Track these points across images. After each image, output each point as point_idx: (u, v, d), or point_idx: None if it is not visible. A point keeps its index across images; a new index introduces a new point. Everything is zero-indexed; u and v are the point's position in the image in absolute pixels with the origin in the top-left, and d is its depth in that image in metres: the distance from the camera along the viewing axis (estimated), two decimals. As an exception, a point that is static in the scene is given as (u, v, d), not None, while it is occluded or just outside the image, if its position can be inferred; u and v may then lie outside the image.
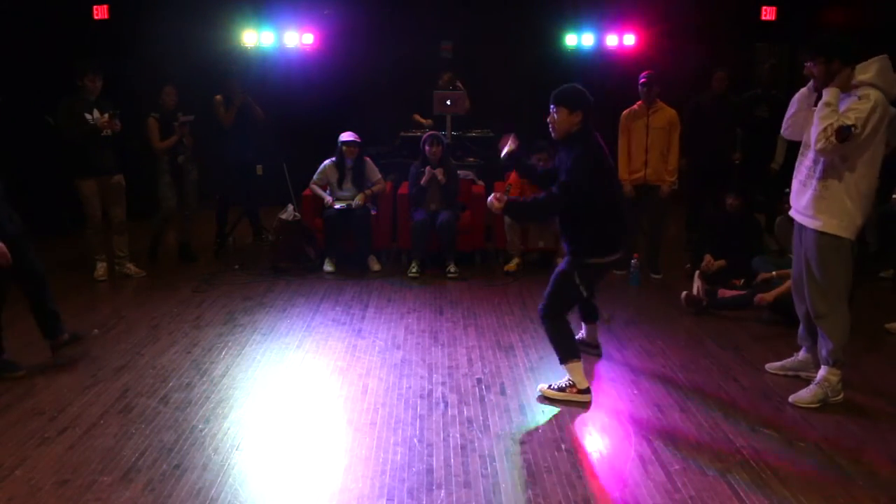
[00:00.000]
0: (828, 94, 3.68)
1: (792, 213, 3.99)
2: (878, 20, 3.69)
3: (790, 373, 4.31)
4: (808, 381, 4.06)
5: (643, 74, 6.26)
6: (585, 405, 3.88)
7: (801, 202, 3.88)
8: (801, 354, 4.29)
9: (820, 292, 3.86)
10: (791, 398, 3.96)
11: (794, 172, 3.97)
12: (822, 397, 3.90)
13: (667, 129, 6.26)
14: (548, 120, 3.86)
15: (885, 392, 4.10)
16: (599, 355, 4.60)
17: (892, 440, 3.55)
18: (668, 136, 6.27)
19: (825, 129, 3.56)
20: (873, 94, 3.60)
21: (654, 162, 6.29)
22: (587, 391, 3.95)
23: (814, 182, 3.79)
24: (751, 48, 9.40)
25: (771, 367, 4.41)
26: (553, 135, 3.88)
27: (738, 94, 7.14)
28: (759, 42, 9.40)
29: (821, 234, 3.78)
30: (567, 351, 3.96)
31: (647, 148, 6.28)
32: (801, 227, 3.92)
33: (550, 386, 4.02)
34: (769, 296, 5.23)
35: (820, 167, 3.76)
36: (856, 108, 3.58)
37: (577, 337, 4.23)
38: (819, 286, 3.86)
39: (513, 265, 6.61)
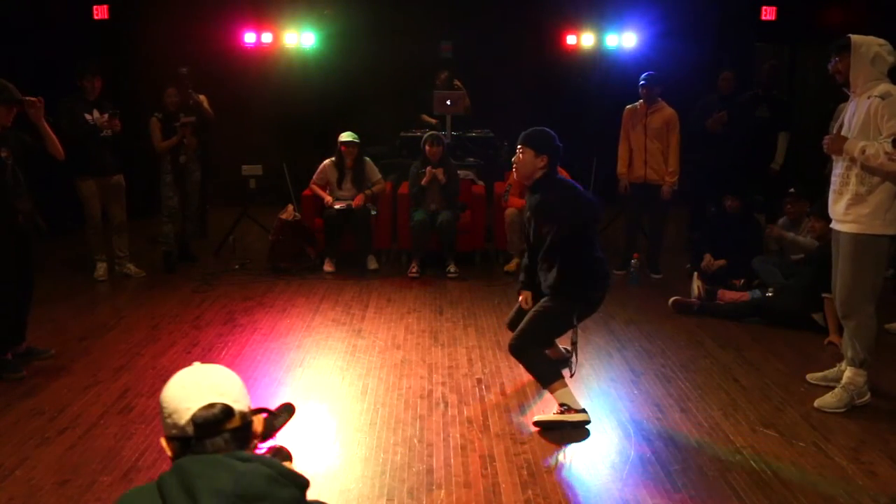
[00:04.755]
0: (853, 146, 3.64)
1: (832, 224, 3.90)
2: (878, 20, 3.69)
3: (832, 384, 4.04)
4: (827, 388, 3.99)
5: (643, 76, 6.27)
6: (585, 423, 3.66)
7: (838, 209, 3.81)
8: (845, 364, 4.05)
9: (853, 292, 3.79)
10: (816, 403, 3.89)
11: (830, 185, 3.92)
12: (848, 401, 3.83)
13: (664, 129, 6.27)
14: (512, 160, 3.83)
15: (886, 392, 4.10)
16: (573, 361, 4.11)
17: (892, 440, 3.55)
18: (665, 137, 6.28)
19: (886, 154, 3.50)
20: (892, 88, 3.56)
21: (654, 162, 6.30)
22: (583, 411, 3.67)
23: (850, 188, 3.72)
24: (751, 48, 9.40)
25: (812, 377, 4.24)
26: (515, 175, 3.87)
27: (738, 95, 7.14)
28: (759, 42, 9.40)
29: (858, 236, 3.71)
30: (549, 374, 3.71)
31: (646, 147, 6.29)
32: (838, 233, 3.84)
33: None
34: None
35: (854, 172, 3.70)
36: (889, 113, 3.52)
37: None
38: (847, 286, 3.79)
39: (513, 265, 6.61)
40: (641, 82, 6.25)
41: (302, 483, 1.47)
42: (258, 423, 1.57)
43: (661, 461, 3.35)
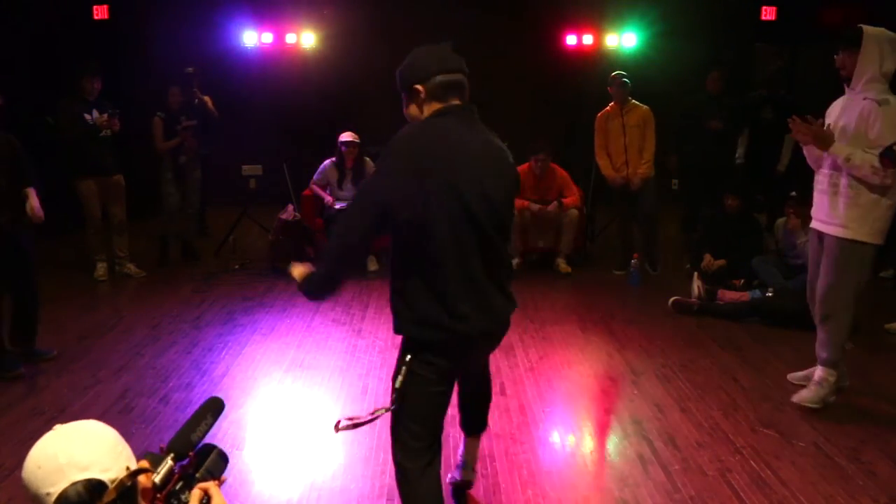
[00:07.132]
0: (839, 150, 3.55)
1: (813, 224, 3.87)
2: (878, 21, 3.68)
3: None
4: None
5: (614, 75, 6.37)
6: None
7: (823, 211, 3.76)
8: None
9: (834, 295, 3.76)
10: (794, 398, 3.92)
11: (814, 184, 3.85)
12: (824, 396, 3.86)
13: (641, 126, 6.37)
14: None
15: (885, 392, 4.11)
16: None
17: (892, 440, 3.55)
18: (643, 133, 6.36)
19: (872, 168, 3.45)
20: (893, 98, 3.49)
21: (634, 160, 6.38)
22: None
23: (842, 189, 3.64)
24: (751, 48, 9.40)
25: (793, 377, 4.24)
26: None
27: (737, 95, 7.11)
28: (759, 42, 9.40)
29: (847, 241, 3.66)
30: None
31: (626, 147, 6.34)
32: (822, 234, 3.80)
33: None
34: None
35: (846, 176, 3.61)
36: (882, 123, 3.45)
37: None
38: (834, 289, 3.75)
39: (512, 265, 6.60)
40: (614, 82, 6.33)
41: None
42: (145, 479, 1.37)
43: (661, 461, 3.35)
